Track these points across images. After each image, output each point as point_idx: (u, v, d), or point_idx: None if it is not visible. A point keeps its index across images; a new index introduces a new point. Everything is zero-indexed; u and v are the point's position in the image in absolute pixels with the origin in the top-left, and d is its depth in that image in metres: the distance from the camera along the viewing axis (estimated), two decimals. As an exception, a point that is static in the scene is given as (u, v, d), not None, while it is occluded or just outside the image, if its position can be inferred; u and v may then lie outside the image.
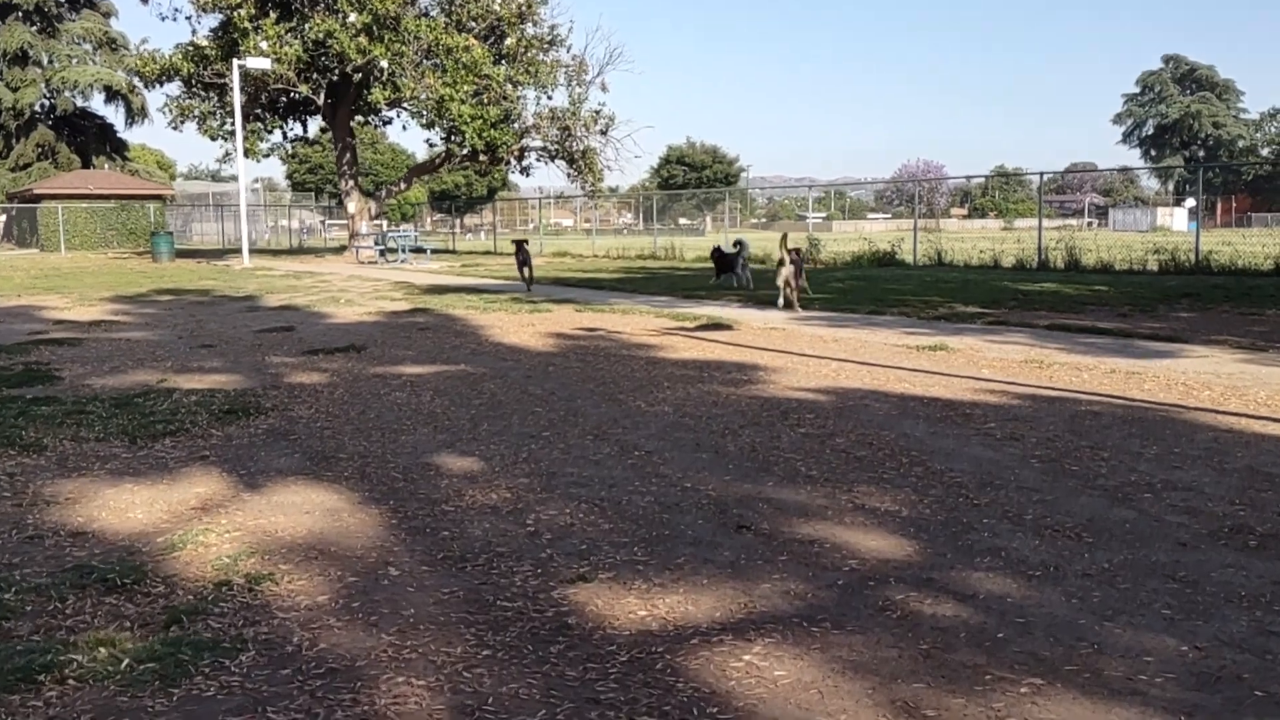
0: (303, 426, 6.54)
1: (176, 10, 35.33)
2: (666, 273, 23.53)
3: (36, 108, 59.46)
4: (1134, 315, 12.85)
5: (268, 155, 36.95)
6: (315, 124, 40.46)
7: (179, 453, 5.87)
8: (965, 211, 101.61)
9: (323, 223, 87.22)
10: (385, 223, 49.53)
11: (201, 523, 4.50)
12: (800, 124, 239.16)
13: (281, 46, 31.00)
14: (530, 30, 35.45)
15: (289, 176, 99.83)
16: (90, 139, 63.56)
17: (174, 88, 34.15)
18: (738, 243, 19.30)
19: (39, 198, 50.95)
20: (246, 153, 32.89)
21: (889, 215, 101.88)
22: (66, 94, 59.96)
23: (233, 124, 34.61)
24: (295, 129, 39.73)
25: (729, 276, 18.34)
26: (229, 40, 32.30)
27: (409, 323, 12.80)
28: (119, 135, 65.82)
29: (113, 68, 59.55)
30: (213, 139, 33.43)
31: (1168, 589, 3.62)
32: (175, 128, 34.63)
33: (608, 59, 36.61)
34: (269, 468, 5.49)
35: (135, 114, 62.75)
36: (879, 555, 4.02)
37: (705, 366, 8.91)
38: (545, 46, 35.45)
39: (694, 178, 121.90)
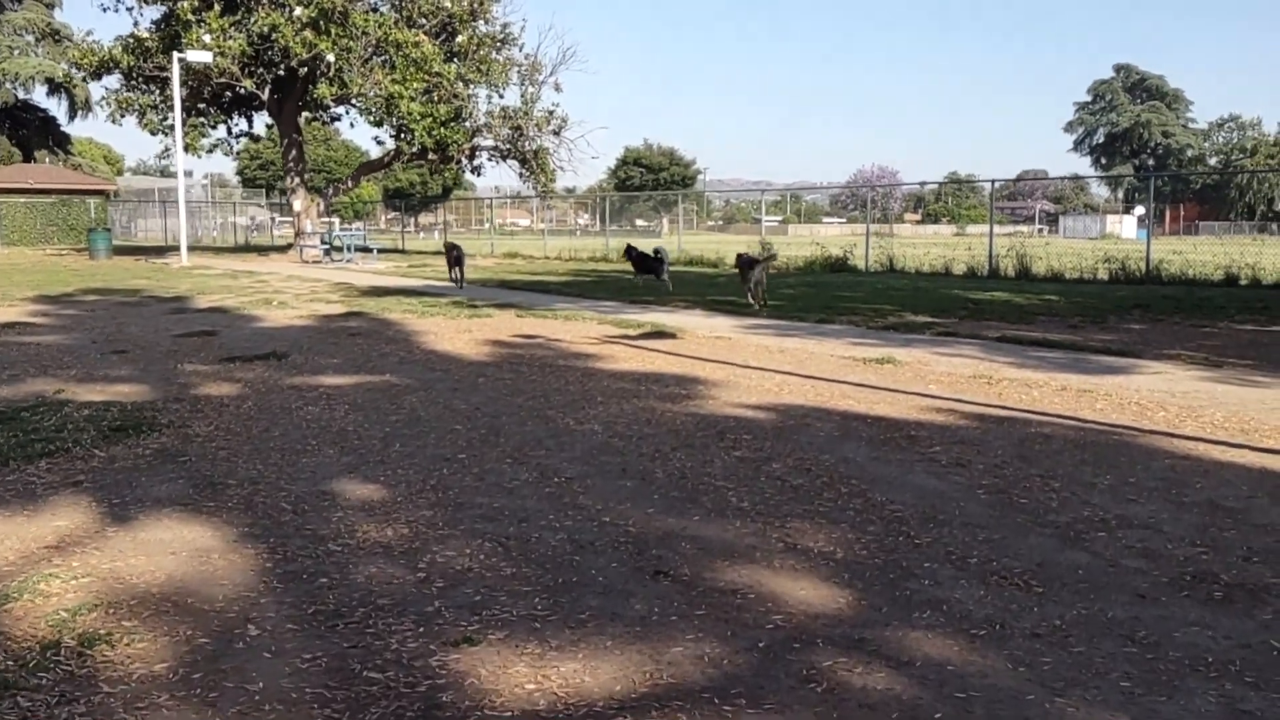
0: (197, 446, 6.01)
1: (118, 1, 34.15)
2: (616, 276, 23.08)
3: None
4: (1085, 327, 12.59)
5: (210, 151, 35.96)
6: (262, 120, 39.62)
7: (52, 477, 5.32)
8: (919, 217, 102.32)
9: (273, 220, 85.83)
10: (336, 221, 48.63)
11: (50, 565, 3.99)
12: (758, 128, 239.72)
13: (225, 40, 30.18)
14: (482, 28, 34.89)
15: (240, 172, 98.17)
16: (32, 132, 61.94)
17: (114, 81, 33.22)
18: (657, 250, 19.26)
19: (-27, 192, 49.49)
20: (187, 148, 32.02)
21: (844, 220, 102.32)
22: (7, 86, 58.35)
23: (195, 117, 33.83)
24: (241, 124, 38.97)
25: (651, 277, 18.26)
26: (171, 33, 31.41)
27: (340, 327, 12.25)
28: (62, 129, 64.20)
29: (55, 59, 58.01)
30: (153, 133, 32.49)
31: (1125, 653, 3.23)
32: (115, 121, 33.58)
33: (561, 59, 35.94)
34: (146, 496, 4.97)
35: (79, 107, 61.34)
36: (808, 609, 3.60)
37: (643, 379, 8.48)
38: (497, 45, 34.90)
39: (651, 179, 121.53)
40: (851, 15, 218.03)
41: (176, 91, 28.70)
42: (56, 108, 66.78)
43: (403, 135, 33.95)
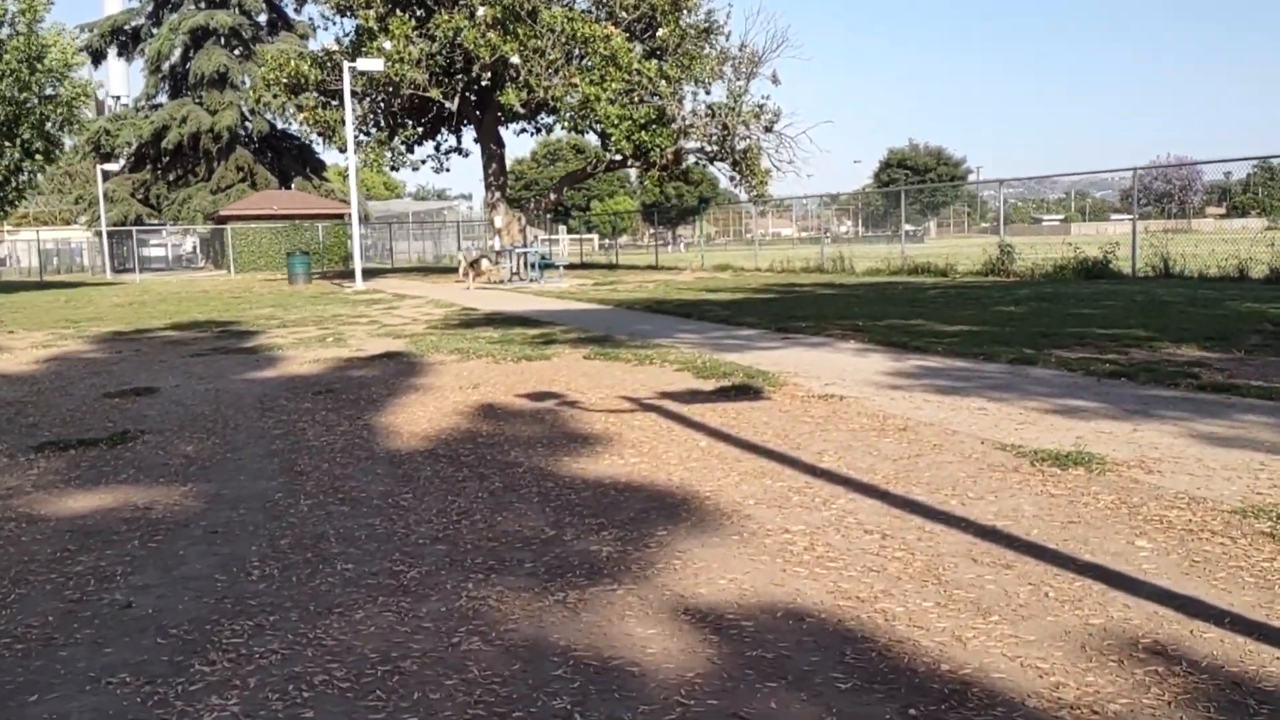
0: None
1: (325, 18, 33.52)
2: (806, 292, 19.00)
3: (238, 130, 60.36)
4: None
5: (400, 167, 34.56)
6: (471, 134, 38.03)
7: None
8: (1223, 210, 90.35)
9: (536, 237, 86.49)
10: (538, 235, 46.72)
11: None
12: (1036, 122, 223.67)
13: (406, 46, 28.41)
14: (685, 19, 31.52)
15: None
16: (289, 160, 64.40)
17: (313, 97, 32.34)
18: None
19: (224, 219, 51.33)
20: (372, 163, 30.57)
21: (1135, 216, 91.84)
22: (263, 116, 60.66)
23: (378, 133, 32.58)
24: (451, 140, 37.60)
25: None
26: (358, 44, 30.15)
27: (336, 378, 9.10)
28: (318, 156, 66.42)
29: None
30: (341, 151, 31.23)
31: None
32: (309, 141, 32.77)
33: (773, 46, 31.89)
34: None
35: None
36: None
37: (623, 503, 4.70)
38: (702, 36, 31.47)
39: (917, 181, 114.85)
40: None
41: (348, 102, 27.10)
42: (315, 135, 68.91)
43: (606, 141, 31.25)
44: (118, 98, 75.16)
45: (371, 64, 26.27)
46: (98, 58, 63.23)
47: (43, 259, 68.13)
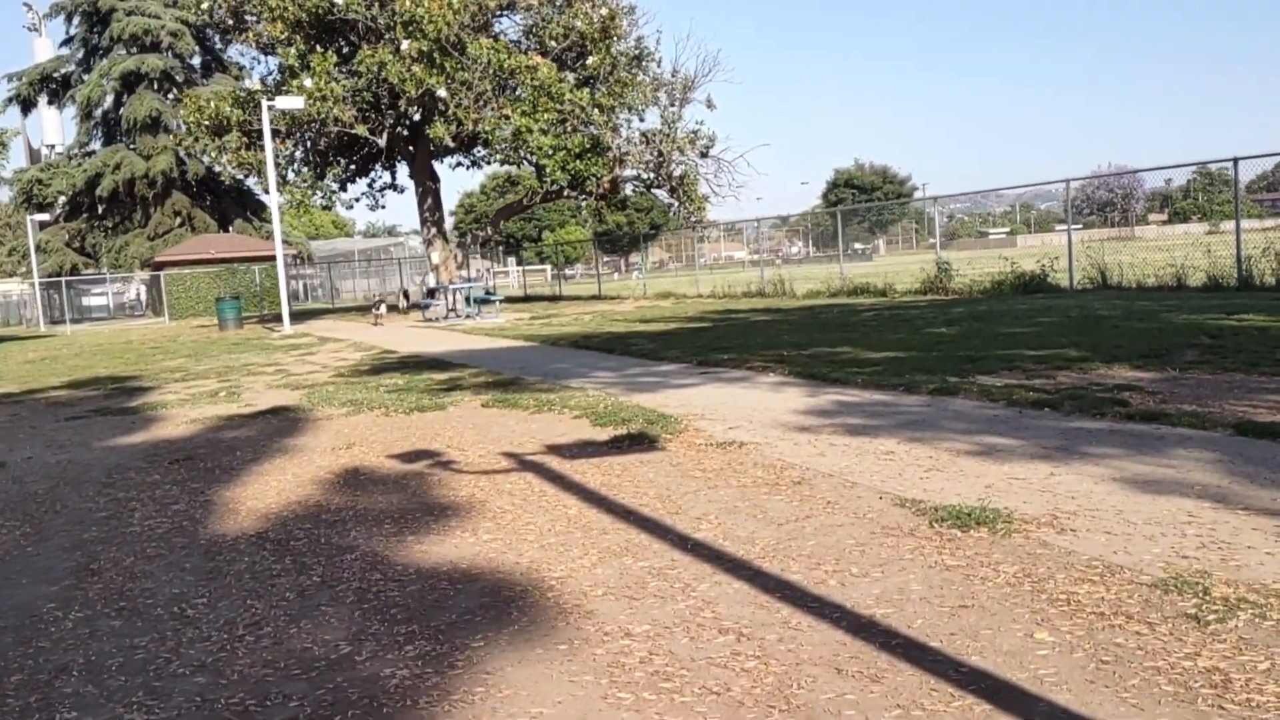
0: None
1: (254, 58, 32.86)
2: (740, 320, 18.42)
3: (174, 175, 59.06)
4: None
5: (333, 206, 33.77)
6: (406, 169, 37.25)
7: None
8: (1165, 217, 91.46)
9: (489, 270, 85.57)
10: (490, 267, 45.96)
11: None
12: (977, 135, 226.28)
13: (329, 83, 27.66)
14: (617, 46, 31.00)
15: (456, 226, 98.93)
16: (229, 203, 63.14)
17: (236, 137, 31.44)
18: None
19: (161, 265, 50.12)
20: (299, 205, 29.76)
21: (1080, 226, 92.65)
22: (199, 159, 59.47)
23: (306, 171, 31.74)
24: (386, 177, 36.84)
25: None
26: (282, 82, 29.36)
27: (204, 441, 8.31)
28: (257, 197, 65.23)
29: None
30: (266, 192, 30.36)
31: None
32: (235, 182, 31.89)
33: (705, 70, 31.50)
34: None
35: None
36: None
37: (450, 599, 3.99)
38: (633, 63, 31.00)
39: (864, 200, 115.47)
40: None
41: (268, 142, 26.30)
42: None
43: (540, 172, 30.62)
44: (52, 146, 73.58)
45: (291, 102, 25.49)
46: (27, 106, 61.91)
47: (-19, 312, 66.46)
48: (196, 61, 62.35)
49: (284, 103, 25.32)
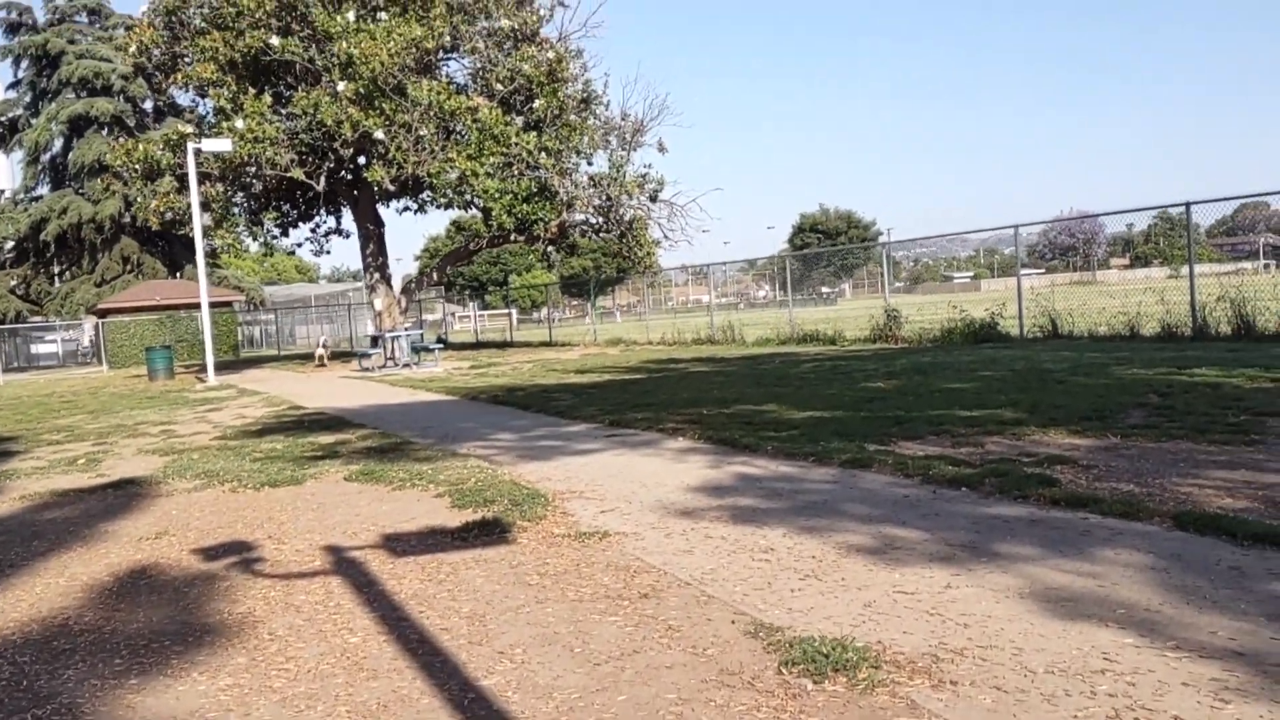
0: None
1: (193, 100, 31.94)
2: (677, 370, 17.49)
3: (121, 219, 57.74)
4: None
5: (273, 252, 32.75)
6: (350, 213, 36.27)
7: None
8: (1126, 261, 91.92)
9: (452, 316, 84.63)
10: (454, 311, 44.85)
11: None
12: (941, 181, 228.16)
13: (261, 125, 26.70)
14: (566, 89, 30.25)
15: (421, 270, 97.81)
16: (180, 248, 61.79)
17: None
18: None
19: (105, 312, 48.80)
20: (230, 249, 28.70)
21: (1042, 270, 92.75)
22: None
23: (237, 215, 30.68)
24: (331, 220, 35.84)
25: None
26: (216, 124, 28.38)
27: (22, 523, 7.23)
28: (211, 243, 63.88)
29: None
30: (205, 237, 29.27)
31: None
32: (162, 228, 30.78)
33: (654, 113, 30.81)
34: None
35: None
36: None
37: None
38: (579, 107, 30.24)
39: (829, 245, 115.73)
40: (1033, 39, 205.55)
41: (193, 185, 25.33)
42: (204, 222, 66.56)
43: (488, 218, 29.75)
44: (1, 191, 72.13)
45: (218, 144, 24.54)
46: (-27, 150, 60.50)
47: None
48: (149, 105, 61.28)
49: (210, 145, 24.37)
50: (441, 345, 31.45)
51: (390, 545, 5.69)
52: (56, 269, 60.18)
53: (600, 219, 30.57)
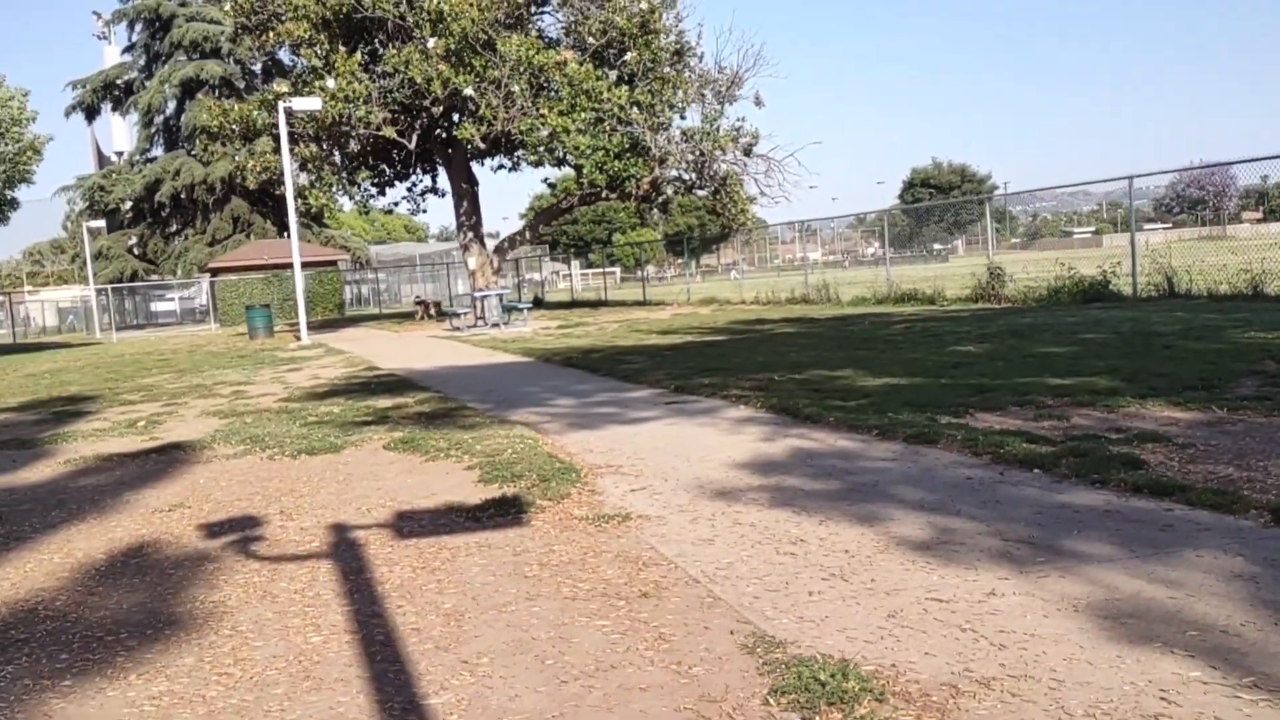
0: None
1: (292, 60, 32.24)
2: (761, 333, 16.85)
3: (233, 180, 59.05)
4: None
5: (369, 211, 32.91)
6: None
7: None
8: (1260, 215, 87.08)
9: (556, 274, 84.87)
10: (511, 277, 44.81)
11: None
12: (1062, 134, 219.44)
13: (352, 84, 26.69)
14: (659, 41, 29.46)
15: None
16: (286, 209, 63.06)
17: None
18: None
19: (216, 271, 50.05)
20: (325, 208, 28.89)
21: (1169, 225, 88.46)
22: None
23: (329, 174, 30.84)
24: (426, 180, 35.88)
25: None
26: (309, 83, 28.48)
27: (55, 490, 7.09)
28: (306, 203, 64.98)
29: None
30: (300, 197, 29.54)
31: None
32: (260, 188, 31.17)
33: (749, 64, 29.81)
34: None
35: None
36: None
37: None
38: (672, 59, 29.44)
39: (942, 200, 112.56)
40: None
41: (284, 143, 25.42)
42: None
43: (579, 173, 29.34)
44: (120, 153, 74.59)
45: (308, 103, 24.57)
46: (91, 114, 62.52)
47: (60, 318, 67.36)
48: (258, 68, 62.36)
49: (300, 103, 24.42)
50: (532, 305, 31.25)
51: (398, 525, 5.30)
52: (171, 229, 61.92)
53: (693, 175, 29.83)
